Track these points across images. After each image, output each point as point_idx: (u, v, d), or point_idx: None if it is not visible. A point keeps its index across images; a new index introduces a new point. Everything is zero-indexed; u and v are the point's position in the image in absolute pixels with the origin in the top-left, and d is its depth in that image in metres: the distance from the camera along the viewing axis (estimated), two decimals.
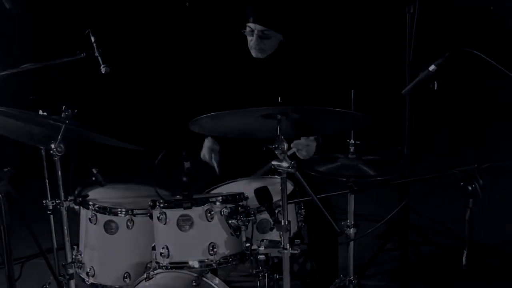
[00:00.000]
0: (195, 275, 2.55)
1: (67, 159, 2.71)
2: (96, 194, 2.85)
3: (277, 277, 2.69)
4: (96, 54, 2.99)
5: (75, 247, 2.82)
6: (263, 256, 2.53)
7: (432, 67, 2.42)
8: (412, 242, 3.85)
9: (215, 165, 3.20)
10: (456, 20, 6.04)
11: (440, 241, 3.97)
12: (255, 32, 3.08)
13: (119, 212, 2.71)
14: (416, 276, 3.66)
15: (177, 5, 5.44)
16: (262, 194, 2.42)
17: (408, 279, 3.64)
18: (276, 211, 2.42)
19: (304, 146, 3.01)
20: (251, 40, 3.13)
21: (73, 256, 2.80)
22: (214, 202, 2.48)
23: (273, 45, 3.15)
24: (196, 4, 5.29)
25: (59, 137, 2.62)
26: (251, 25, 3.10)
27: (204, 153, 3.25)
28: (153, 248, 2.58)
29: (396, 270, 3.75)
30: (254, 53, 3.15)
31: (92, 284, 2.79)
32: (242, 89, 3.21)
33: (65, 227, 2.76)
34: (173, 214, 2.48)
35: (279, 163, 2.28)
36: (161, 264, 2.52)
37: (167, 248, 2.49)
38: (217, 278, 2.61)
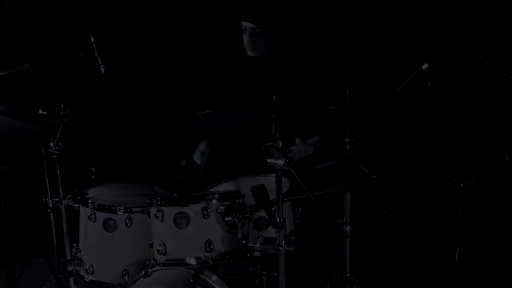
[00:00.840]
0: (193, 272, 2.56)
1: (66, 157, 2.73)
2: (95, 192, 2.88)
3: (275, 274, 2.70)
4: (96, 54, 3.01)
5: (74, 244, 2.85)
6: (259, 253, 2.55)
7: (425, 66, 2.43)
8: (409, 239, 3.85)
9: (201, 168, 3.22)
10: (456, 19, 6.03)
11: (436, 239, 3.97)
12: (248, 30, 3.12)
13: (118, 210, 2.74)
14: (412, 274, 3.67)
15: (177, 5, 5.46)
16: (259, 192, 2.44)
17: (405, 276, 3.65)
18: (273, 209, 2.44)
19: (303, 152, 3.04)
20: (245, 39, 3.16)
21: (72, 254, 2.82)
22: (211, 200, 2.51)
23: (267, 43, 3.17)
24: (197, 4, 5.30)
25: (58, 135, 2.64)
26: (244, 23, 3.13)
27: (196, 156, 3.27)
28: (151, 246, 2.61)
29: (393, 268, 3.76)
30: (248, 52, 3.18)
31: (91, 281, 2.81)
32: (238, 87, 3.23)
33: (64, 225, 2.78)
34: (170, 212, 2.51)
35: (274, 161, 2.30)
36: (158, 261, 2.55)
37: (164, 245, 2.52)
38: (214, 275, 2.62)
